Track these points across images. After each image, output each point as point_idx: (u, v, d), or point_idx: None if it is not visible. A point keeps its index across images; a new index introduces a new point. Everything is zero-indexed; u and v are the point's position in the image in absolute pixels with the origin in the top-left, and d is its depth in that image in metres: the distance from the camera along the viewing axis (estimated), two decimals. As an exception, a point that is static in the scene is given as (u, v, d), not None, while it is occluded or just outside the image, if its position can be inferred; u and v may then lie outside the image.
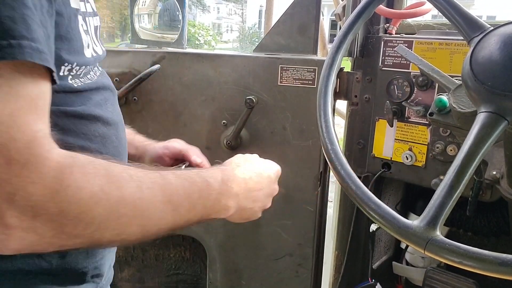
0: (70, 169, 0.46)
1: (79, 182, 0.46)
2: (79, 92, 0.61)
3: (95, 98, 0.64)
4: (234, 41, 24.01)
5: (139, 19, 1.41)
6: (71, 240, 0.47)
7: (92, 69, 0.66)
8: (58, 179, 0.45)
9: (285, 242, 1.30)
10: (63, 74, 0.57)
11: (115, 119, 0.68)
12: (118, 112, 0.72)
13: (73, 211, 0.46)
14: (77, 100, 0.60)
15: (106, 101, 0.67)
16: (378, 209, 0.57)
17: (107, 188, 0.49)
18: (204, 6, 24.98)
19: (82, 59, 0.59)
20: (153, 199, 0.54)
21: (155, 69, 1.26)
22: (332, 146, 0.66)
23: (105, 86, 0.69)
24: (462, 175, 0.53)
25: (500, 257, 0.48)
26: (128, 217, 0.51)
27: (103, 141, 0.65)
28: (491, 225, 1.18)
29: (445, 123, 0.73)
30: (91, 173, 0.48)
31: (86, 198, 0.46)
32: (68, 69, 0.57)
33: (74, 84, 0.59)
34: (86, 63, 0.61)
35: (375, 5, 0.78)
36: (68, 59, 0.56)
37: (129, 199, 0.51)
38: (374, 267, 1.28)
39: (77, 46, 0.58)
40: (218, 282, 1.39)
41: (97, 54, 0.66)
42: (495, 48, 0.56)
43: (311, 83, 1.16)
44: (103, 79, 0.69)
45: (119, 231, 0.51)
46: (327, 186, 1.30)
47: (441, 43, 0.99)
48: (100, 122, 0.64)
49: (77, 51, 0.58)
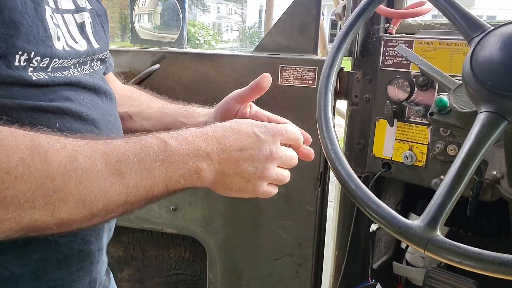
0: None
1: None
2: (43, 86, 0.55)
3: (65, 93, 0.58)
4: (234, 40, 24.02)
5: (139, 19, 1.41)
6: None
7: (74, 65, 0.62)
8: None
9: (285, 242, 1.30)
10: (18, 64, 0.52)
11: (93, 116, 0.62)
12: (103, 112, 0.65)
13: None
14: (38, 94, 0.55)
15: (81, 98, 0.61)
16: (378, 209, 0.56)
17: (29, 160, 0.43)
18: (204, 6, 24.99)
19: (46, 50, 0.54)
20: (91, 169, 0.47)
21: (155, 69, 1.26)
22: (332, 146, 0.66)
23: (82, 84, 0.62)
24: (462, 175, 0.53)
25: (500, 257, 0.48)
26: (60, 192, 0.45)
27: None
28: (491, 225, 1.18)
29: (445, 123, 0.73)
30: (11, 146, 0.42)
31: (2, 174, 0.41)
32: (25, 59, 0.52)
33: (33, 77, 0.54)
34: (54, 55, 0.56)
35: (375, 5, 0.78)
36: (25, 47, 0.51)
37: (57, 171, 0.45)
38: (374, 267, 1.28)
39: (38, 35, 0.53)
40: (218, 282, 1.39)
41: (75, 50, 0.61)
42: (495, 48, 0.56)
43: (311, 83, 1.16)
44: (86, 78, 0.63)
45: (51, 210, 0.45)
46: (327, 186, 1.30)
47: (442, 43, 0.99)
48: (69, 116, 0.58)
49: (38, 41, 0.53)
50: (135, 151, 0.52)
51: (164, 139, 0.55)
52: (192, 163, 0.56)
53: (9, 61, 0.51)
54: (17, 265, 0.55)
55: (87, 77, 0.64)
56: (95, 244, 0.65)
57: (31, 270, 0.57)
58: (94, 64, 0.69)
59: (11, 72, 0.51)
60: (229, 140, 0.59)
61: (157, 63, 1.27)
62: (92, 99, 0.63)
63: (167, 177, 0.54)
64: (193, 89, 1.27)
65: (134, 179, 0.51)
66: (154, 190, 0.53)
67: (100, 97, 0.66)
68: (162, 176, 0.53)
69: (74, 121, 0.58)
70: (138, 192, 0.51)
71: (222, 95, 1.27)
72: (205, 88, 1.26)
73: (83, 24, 0.65)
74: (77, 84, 0.61)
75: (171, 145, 0.54)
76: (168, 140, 0.55)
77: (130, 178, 0.50)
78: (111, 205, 0.50)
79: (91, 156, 0.48)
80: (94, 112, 0.62)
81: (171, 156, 0.54)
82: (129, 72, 1.29)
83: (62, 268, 0.60)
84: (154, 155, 0.53)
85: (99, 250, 0.68)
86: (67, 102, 0.58)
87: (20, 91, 0.53)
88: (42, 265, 0.57)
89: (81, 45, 0.63)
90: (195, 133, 0.58)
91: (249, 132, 0.61)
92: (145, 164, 0.52)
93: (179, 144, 0.55)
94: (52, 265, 0.59)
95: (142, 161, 0.52)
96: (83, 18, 0.66)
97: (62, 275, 0.60)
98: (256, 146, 0.61)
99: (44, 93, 0.56)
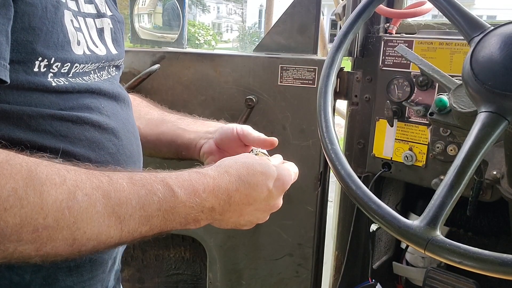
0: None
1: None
2: (63, 93, 0.55)
3: (86, 101, 0.58)
4: (234, 40, 24.01)
5: (139, 19, 1.41)
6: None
7: (94, 70, 0.61)
8: None
9: (285, 242, 1.30)
10: (38, 70, 0.51)
11: (112, 125, 0.61)
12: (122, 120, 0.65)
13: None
14: (58, 102, 0.54)
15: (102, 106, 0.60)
16: (379, 209, 0.56)
17: (22, 193, 0.41)
18: (204, 6, 24.98)
19: (66, 55, 0.54)
20: (89, 209, 0.45)
21: (155, 69, 1.25)
22: (332, 146, 0.66)
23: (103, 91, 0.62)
24: (462, 175, 0.53)
25: (500, 257, 0.48)
26: (50, 230, 0.43)
27: (92, 145, 0.57)
28: (491, 225, 1.18)
29: (445, 123, 0.73)
30: (6, 174, 0.41)
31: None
32: (45, 64, 0.52)
33: (53, 83, 0.53)
34: (75, 61, 0.55)
35: (375, 4, 0.78)
36: (45, 53, 0.51)
37: (52, 208, 0.42)
38: (374, 267, 1.28)
39: (58, 40, 0.53)
40: (218, 282, 1.39)
41: (95, 54, 0.61)
42: (495, 48, 0.56)
43: (311, 83, 1.16)
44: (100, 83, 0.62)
45: (38, 245, 0.43)
46: (327, 186, 1.30)
47: (441, 43, 0.99)
48: (89, 125, 0.57)
49: (58, 46, 0.53)
50: (139, 196, 0.50)
51: (172, 187, 0.52)
52: (194, 215, 0.54)
53: (28, 67, 0.50)
54: (28, 271, 0.54)
55: (106, 84, 0.64)
56: (108, 253, 0.64)
57: (42, 276, 0.56)
58: (111, 70, 0.68)
59: (30, 78, 0.51)
60: (240, 195, 0.57)
61: (157, 63, 1.27)
62: (112, 107, 0.63)
63: (164, 224, 0.52)
64: (193, 89, 1.27)
65: (131, 225, 0.49)
66: (148, 234, 0.52)
67: (119, 104, 0.65)
68: (159, 223, 0.52)
69: (94, 130, 0.58)
70: (131, 236, 0.50)
71: (222, 95, 1.27)
72: (205, 88, 1.26)
73: (102, 30, 0.65)
74: (98, 91, 0.60)
75: (178, 196, 0.52)
76: (176, 189, 0.53)
77: (128, 223, 0.49)
78: (101, 246, 0.48)
79: (92, 194, 0.46)
80: (114, 121, 0.61)
81: (175, 208, 0.52)
82: (129, 72, 1.29)
83: (73, 276, 0.59)
84: (157, 203, 0.51)
85: (113, 259, 0.67)
86: (87, 111, 0.57)
87: (39, 98, 0.52)
88: (53, 272, 0.57)
89: (101, 50, 0.63)
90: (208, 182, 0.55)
91: (262, 187, 0.60)
92: (146, 212, 0.50)
93: (187, 195, 0.53)
94: (63, 273, 0.58)
95: (144, 208, 0.50)
96: (103, 24, 0.66)
97: (73, 283, 0.59)
98: (265, 201, 0.61)
99: (65, 100, 0.55)
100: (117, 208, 0.48)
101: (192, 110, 1.29)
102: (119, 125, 0.63)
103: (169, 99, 1.29)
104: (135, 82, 1.25)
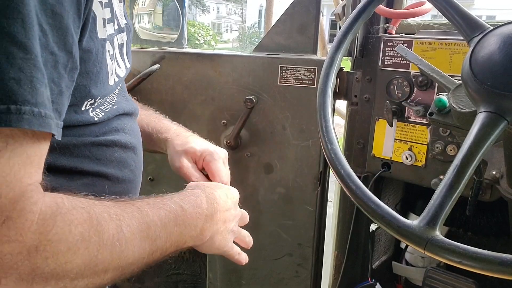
0: (53, 219, 0.43)
1: (61, 233, 0.43)
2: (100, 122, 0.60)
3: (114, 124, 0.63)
4: (234, 41, 24.00)
5: (139, 19, 1.41)
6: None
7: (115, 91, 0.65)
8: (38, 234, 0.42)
9: (285, 242, 1.30)
10: (84, 109, 0.55)
11: (133, 142, 0.67)
12: (137, 134, 0.70)
13: (49, 266, 0.43)
14: (95, 130, 0.59)
15: (124, 126, 0.66)
16: (378, 209, 0.57)
17: (87, 235, 0.46)
18: (203, 6, 24.97)
19: (105, 90, 0.58)
20: (132, 238, 0.51)
21: (155, 69, 1.26)
22: (332, 146, 0.66)
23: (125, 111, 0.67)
24: (462, 175, 0.53)
25: (499, 257, 0.48)
26: (105, 263, 0.48)
27: (120, 165, 0.63)
28: (490, 225, 1.18)
29: (445, 123, 0.73)
30: (74, 220, 0.45)
31: (64, 251, 0.43)
32: (91, 103, 0.56)
33: (95, 117, 0.58)
34: (108, 93, 0.60)
35: (375, 5, 0.78)
36: (93, 93, 0.55)
37: (108, 243, 0.48)
38: (373, 267, 1.28)
39: (103, 77, 0.57)
40: (218, 282, 1.39)
41: (119, 78, 0.64)
42: (494, 48, 0.56)
43: (311, 83, 1.16)
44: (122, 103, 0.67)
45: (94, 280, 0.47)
46: (327, 186, 1.30)
47: (441, 43, 0.99)
48: (117, 147, 0.63)
49: (103, 82, 0.57)
50: (160, 217, 0.56)
51: (180, 204, 0.61)
52: (200, 225, 0.63)
53: (78, 107, 0.54)
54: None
55: (124, 102, 0.68)
56: None
57: None
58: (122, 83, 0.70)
59: (78, 117, 0.55)
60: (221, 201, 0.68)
61: (157, 63, 1.28)
62: (130, 124, 0.69)
63: (180, 239, 0.60)
64: (193, 89, 1.27)
65: (159, 243, 0.55)
66: (169, 251, 0.58)
67: (134, 119, 0.71)
68: (176, 238, 0.59)
69: (121, 150, 0.64)
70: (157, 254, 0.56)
71: (222, 95, 1.27)
72: (205, 88, 1.26)
73: (122, 46, 0.67)
74: (122, 112, 0.66)
75: (186, 210, 0.61)
76: (184, 205, 0.61)
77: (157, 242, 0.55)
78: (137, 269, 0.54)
79: (131, 225, 0.51)
80: (133, 138, 0.68)
81: (186, 220, 0.60)
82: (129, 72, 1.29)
83: None
84: (174, 220, 0.58)
85: None
86: (115, 133, 0.63)
87: (83, 130, 0.57)
88: None
89: (122, 69, 0.66)
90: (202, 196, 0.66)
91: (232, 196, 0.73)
92: (168, 229, 0.57)
93: (192, 207, 0.62)
94: None
95: (166, 226, 0.57)
96: (123, 39, 0.67)
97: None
98: (233, 206, 0.72)
99: (100, 127, 0.60)
100: (149, 232, 0.54)
101: (192, 110, 1.29)
102: (136, 140, 0.69)
103: (169, 99, 1.29)
104: (135, 82, 1.25)
